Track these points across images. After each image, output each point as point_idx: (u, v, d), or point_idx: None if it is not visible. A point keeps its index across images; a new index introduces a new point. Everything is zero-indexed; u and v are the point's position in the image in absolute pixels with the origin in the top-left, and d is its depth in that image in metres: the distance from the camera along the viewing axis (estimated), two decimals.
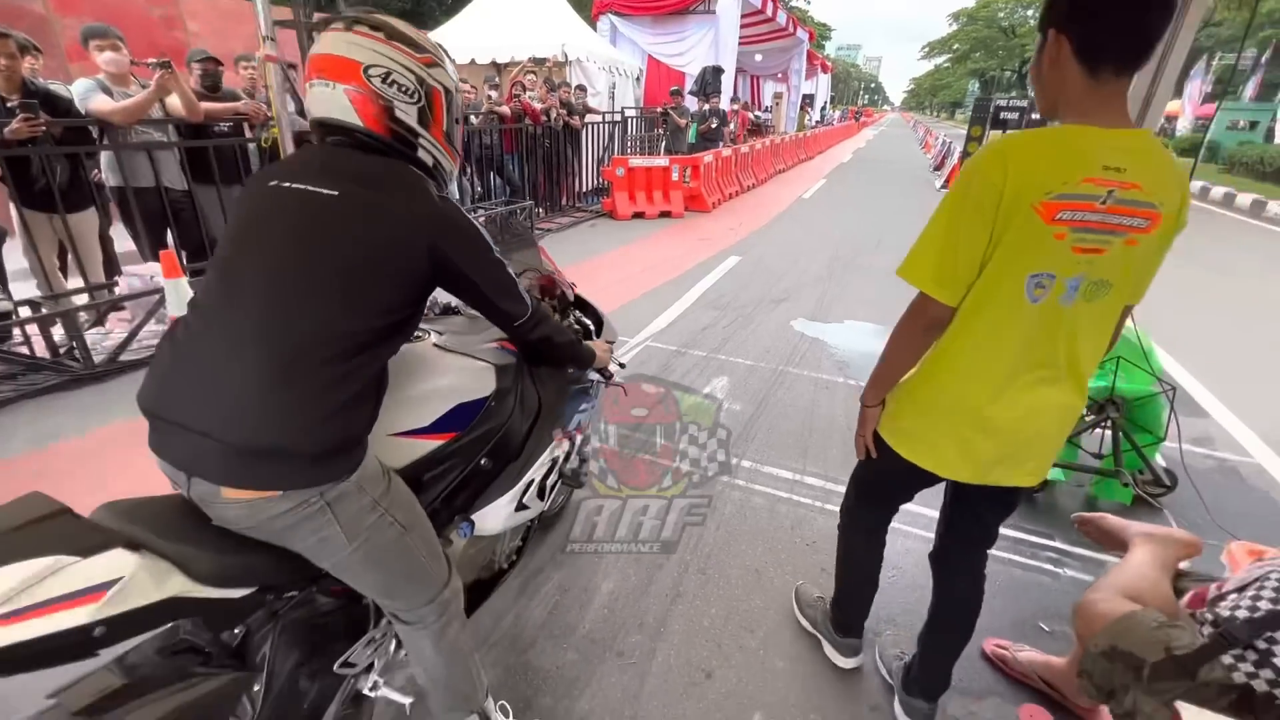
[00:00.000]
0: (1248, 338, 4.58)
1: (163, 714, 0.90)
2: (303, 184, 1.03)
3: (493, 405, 1.39)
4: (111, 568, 0.85)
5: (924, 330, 1.22)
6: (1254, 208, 10.31)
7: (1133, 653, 1.07)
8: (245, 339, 0.96)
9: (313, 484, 0.99)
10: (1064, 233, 1.03)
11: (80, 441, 2.85)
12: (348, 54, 1.04)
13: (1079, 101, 1.06)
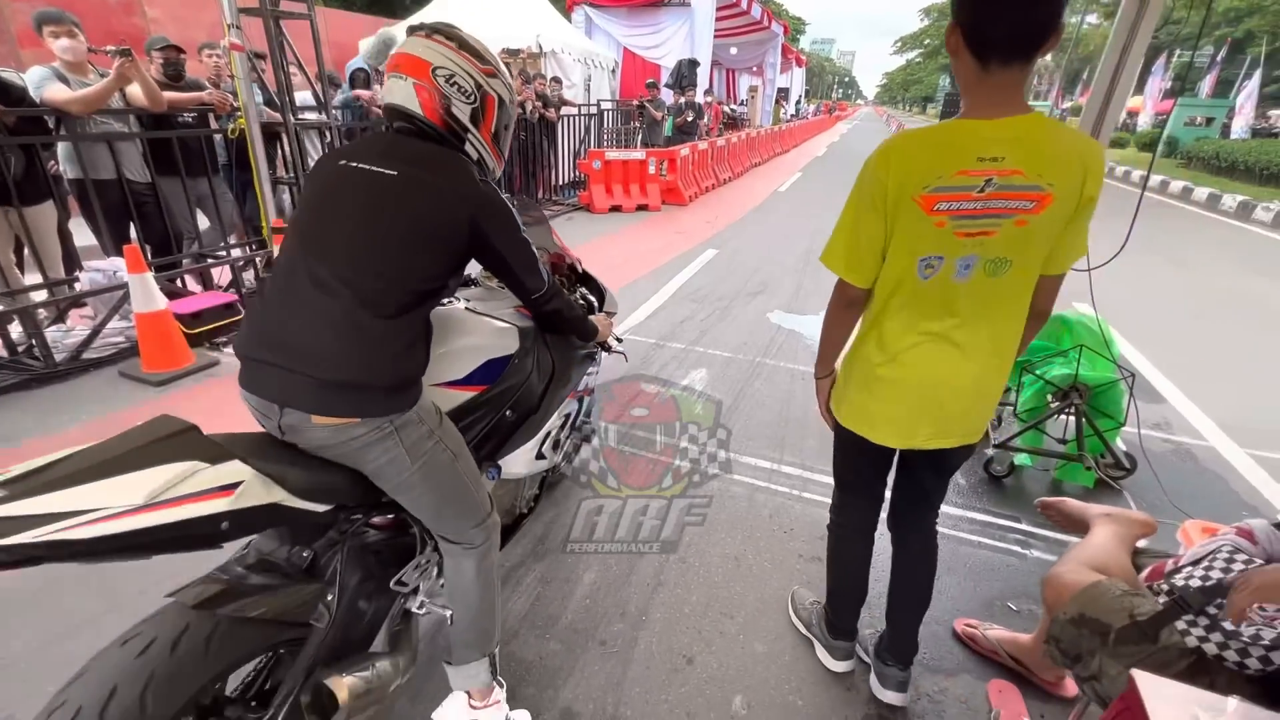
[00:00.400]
0: (1203, 327, 4.76)
1: (261, 610, 1.09)
2: (368, 165, 1.20)
3: (516, 362, 1.61)
4: (233, 474, 1.02)
5: (845, 308, 1.38)
6: (1210, 201, 10.68)
7: (1099, 619, 1.13)
8: (330, 293, 1.14)
9: (385, 413, 1.18)
10: (944, 221, 1.14)
11: (42, 443, 2.77)
12: (422, 55, 1.24)
13: (972, 90, 1.13)
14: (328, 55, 4.58)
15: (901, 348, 1.32)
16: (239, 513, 1.02)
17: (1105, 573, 1.25)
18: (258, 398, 1.17)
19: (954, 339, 1.28)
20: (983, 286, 1.21)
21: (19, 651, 1.75)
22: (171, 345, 3.37)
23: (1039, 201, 1.11)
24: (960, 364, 1.29)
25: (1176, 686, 0.92)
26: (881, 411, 1.39)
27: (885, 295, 1.31)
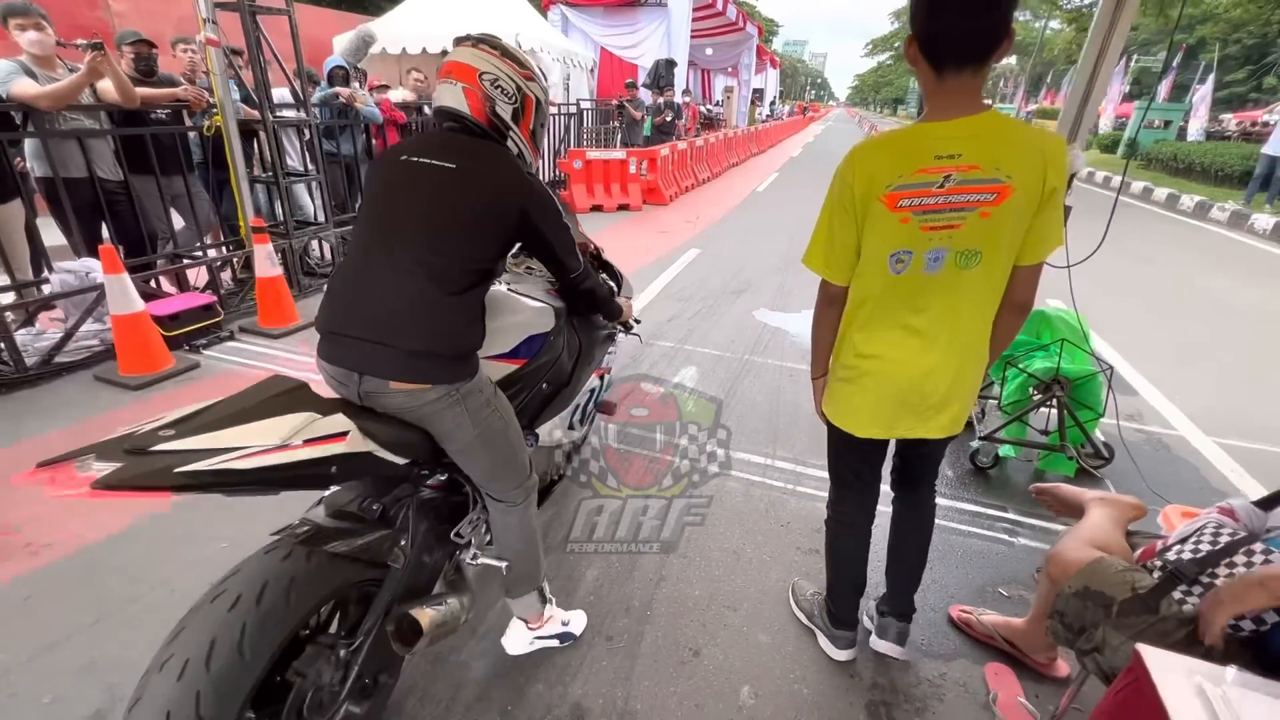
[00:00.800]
0: (1168, 322, 4.95)
1: (352, 548, 1.28)
2: (430, 159, 1.34)
3: (551, 339, 1.77)
4: (341, 424, 1.18)
5: (827, 305, 1.46)
6: (1169, 201, 11.10)
7: (1103, 592, 1.19)
8: (406, 273, 1.28)
9: (452, 380, 1.33)
10: (908, 217, 1.22)
11: (18, 450, 2.67)
12: (470, 62, 1.37)
13: (932, 95, 1.22)
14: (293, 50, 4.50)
15: (880, 342, 1.38)
16: (345, 457, 1.18)
17: (1105, 551, 1.31)
18: (338, 367, 1.32)
19: (930, 332, 1.34)
20: (955, 278, 1.27)
21: (7, 663, 1.69)
22: (150, 348, 3.28)
23: (999, 193, 1.17)
24: (938, 356, 1.35)
25: (1179, 658, 0.97)
26: (864, 405, 1.45)
27: (862, 293, 1.38)
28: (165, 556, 2.10)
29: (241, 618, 1.05)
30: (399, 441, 1.31)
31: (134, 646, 1.75)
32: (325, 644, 1.25)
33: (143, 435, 1.02)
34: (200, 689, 0.98)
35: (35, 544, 2.13)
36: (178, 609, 1.83)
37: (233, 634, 1.03)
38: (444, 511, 1.59)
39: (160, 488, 0.96)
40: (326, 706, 1.23)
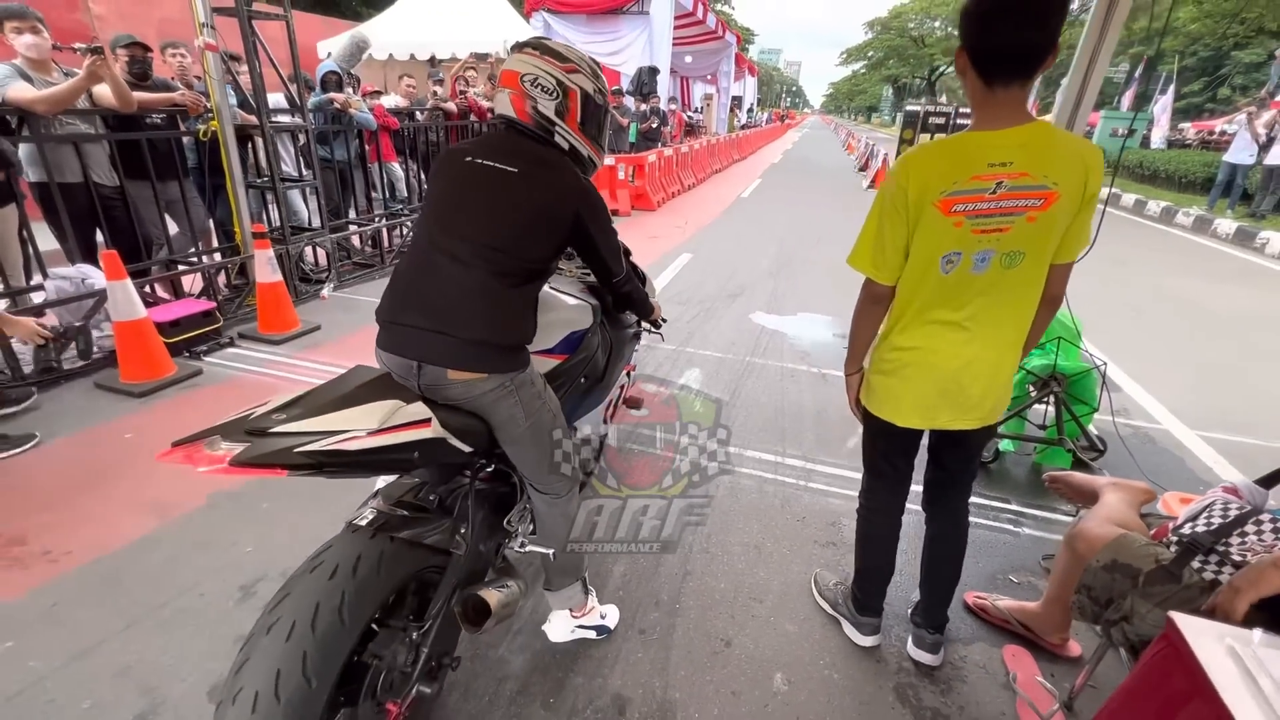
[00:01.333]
0: (1144, 321, 5.16)
1: (420, 533, 1.35)
2: (493, 161, 1.38)
3: (590, 336, 1.83)
4: (422, 412, 1.26)
5: (872, 304, 1.51)
6: (1136, 206, 11.53)
7: (1130, 564, 1.28)
8: (468, 266, 1.34)
9: (507, 370, 1.39)
10: (961, 221, 1.29)
11: (25, 458, 2.63)
12: (513, 67, 1.42)
13: (980, 106, 1.28)
14: (285, 56, 4.48)
15: (926, 336, 1.45)
16: (426, 443, 1.25)
17: (1126, 529, 1.40)
18: (399, 358, 1.36)
19: (973, 327, 1.41)
20: (999, 277, 1.35)
21: (41, 670, 1.68)
22: (152, 355, 3.24)
23: (1046, 199, 1.26)
24: (978, 349, 1.43)
25: (1209, 624, 1.05)
26: (907, 395, 1.52)
27: (910, 290, 1.44)
28: (189, 562, 2.09)
29: (340, 586, 1.13)
30: (466, 430, 1.38)
31: (168, 651, 1.75)
32: (397, 627, 1.30)
33: (259, 418, 1.12)
34: (306, 649, 1.04)
35: (54, 551, 2.10)
36: (208, 613, 1.86)
37: (333, 600, 1.10)
38: (494, 502, 1.66)
39: (284, 465, 1.05)
40: (398, 687, 1.28)
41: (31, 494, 2.41)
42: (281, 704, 1.00)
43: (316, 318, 4.32)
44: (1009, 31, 1.17)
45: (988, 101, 1.26)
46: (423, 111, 6.33)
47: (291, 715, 1.01)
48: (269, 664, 1.03)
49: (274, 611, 1.09)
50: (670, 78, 17.66)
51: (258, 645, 1.06)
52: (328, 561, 1.17)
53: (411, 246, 1.46)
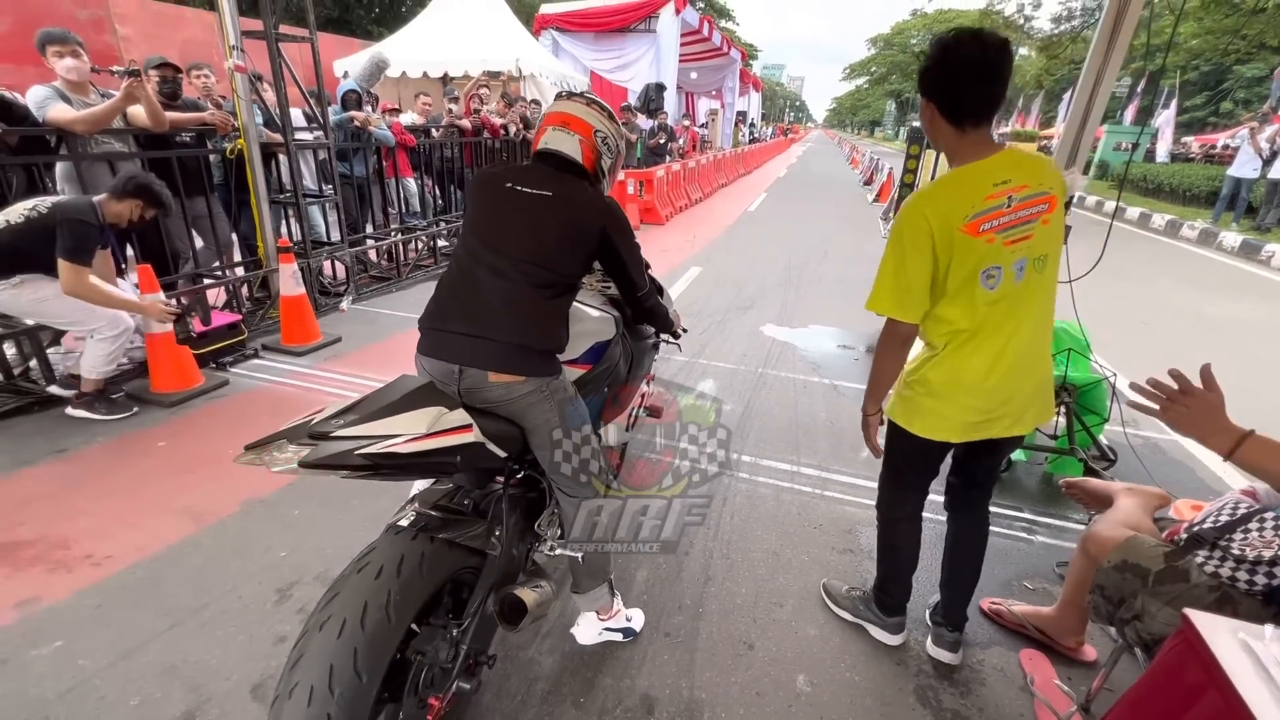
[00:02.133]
0: (1151, 333, 5.21)
1: (459, 535, 1.41)
2: (528, 188, 1.51)
3: (613, 347, 1.91)
4: (464, 418, 1.33)
5: (899, 345, 1.55)
6: (1141, 220, 11.60)
7: (1140, 564, 1.34)
8: (507, 278, 1.46)
9: (543, 375, 1.49)
10: (992, 237, 1.39)
11: (55, 467, 2.71)
12: (586, 118, 1.59)
13: (956, 148, 1.44)
14: (304, 75, 4.62)
15: (977, 354, 1.50)
16: (467, 447, 1.32)
17: (1137, 531, 1.46)
18: (441, 362, 1.46)
19: (1021, 337, 1.49)
20: (1035, 283, 1.46)
21: (90, 669, 1.74)
22: (182, 366, 3.33)
23: (1049, 203, 1.41)
24: (1023, 357, 1.51)
25: (1223, 620, 1.11)
26: (957, 415, 1.55)
27: (951, 324, 1.50)
28: (227, 566, 2.15)
29: (386, 585, 1.19)
30: (502, 435, 1.45)
31: (211, 650, 1.81)
32: (438, 625, 1.37)
33: (320, 423, 1.20)
34: (357, 645, 1.10)
35: (96, 555, 2.18)
36: (248, 615, 1.93)
37: (380, 599, 1.16)
38: (525, 507, 1.72)
39: (344, 467, 1.14)
40: (440, 683, 1.34)
41: (72, 500, 2.48)
42: (335, 697, 1.06)
43: (336, 329, 4.41)
44: (976, 87, 1.35)
45: (963, 142, 1.42)
46: (438, 129, 6.47)
47: (344, 708, 1.07)
48: (323, 659, 1.08)
49: (325, 609, 1.15)
50: (676, 94, 17.95)
51: (311, 642, 1.11)
52: (374, 562, 1.23)
53: (453, 262, 1.56)
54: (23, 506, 2.42)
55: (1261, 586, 1.27)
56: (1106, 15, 2.61)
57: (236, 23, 4.01)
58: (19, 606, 1.94)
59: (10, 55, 6.22)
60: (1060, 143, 2.89)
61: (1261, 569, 1.26)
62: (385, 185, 5.82)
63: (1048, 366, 1.57)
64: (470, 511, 1.54)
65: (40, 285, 2.85)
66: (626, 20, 13.81)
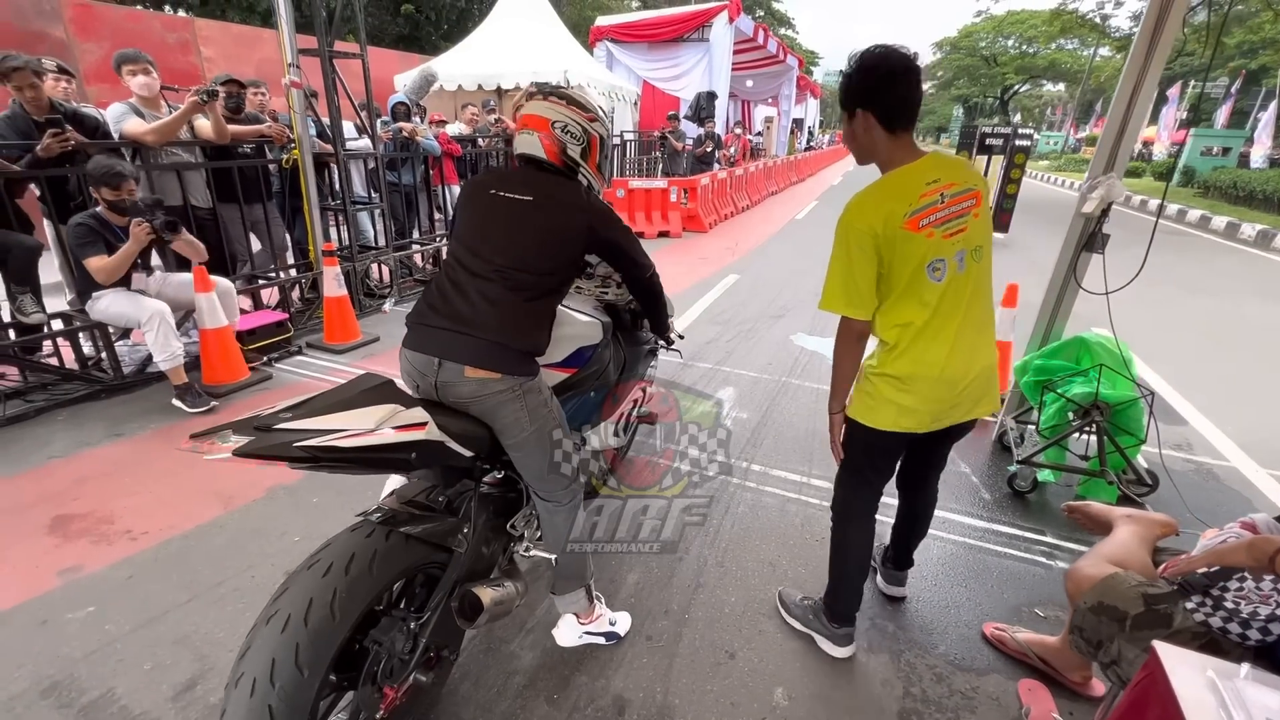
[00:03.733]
0: (1223, 352, 4.81)
1: (422, 531, 1.44)
2: (511, 193, 1.57)
3: (599, 351, 1.94)
4: (420, 416, 1.35)
5: (855, 341, 1.60)
6: (1229, 230, 10.72)
7: (1116, 606, 1.24)
8: (489, 280, 1.52)
9: (518, 374, 1.52)
10: (932, 231, 1.46)
11: (115, 449, 2.96)
12: (543, 113, 1.61)
13: (889, 154, 1.52)
14: (360, 88, 4.89)
15: (933, 345, 1.54)
16: (423, 444, 1.35)
17: (1124, 567, 1.36)
18: (421, 355, 1.52)
19: (968, 325, 1.56)
20: (974, 272, 1.54)
21: (114, 633, 1.90)
22: (230, 360, 3.58)
23: (976, 199, 1.52)
24: (976, 343, 1.58)
25: (1194, 655, 1.03)
26: (921, 404, 1.59)
27: (902, 319, 1.54)
28: (246, 547, 2.30)
29: (333, 583, 1.21)
30: (467, 435, 1.48)
31: (221, 624, 1.94)
32: (398, 617, 1.40)
33: (266, 416, 1.22)
34: (299, 641, 1.14)
35: (134, 530, 2.37)
36: (260, 593, 2.06)
37: (326, 596, 1.19)
38: (500, 506, 1.75)
39: (282, 458, 1.16)
40: (397, 673, 1.37)
41: (122, 479, 2.71)
42: (276, 690, 1.10)
43: (377, 329, 4.64)
44: (904, 91, 1.46)
45: (894, 146, 1.51)
46: (485, 138, 6.71)
47: (285, 700, 1.11)
48: (266, 653, 1.12)
49: (274, 604, 1.19)
50: (731, 101, 17.90)
51: (258, 635, 1.16)
52: (324, 559, 1.26)
53: (443, 265, 1.64)
54: (79, 484, 2.66)
55: (1255, 642, 1.17)
56: (1147, 17, 2.46)
57: (294, 41, 4.30)
58: (62, 574, 2.15)
59: (109, 76, 6.86)
60: (1099, 147, 2.73)
61: (1256, 624, 1.17)
62: (432, 192, 6.08)
63: (992, 352, 1.64)
64: (443, 509, 1.57)
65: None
66: (680, 30, 13.88)
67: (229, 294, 3.65)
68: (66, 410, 3.29)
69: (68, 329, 3.52)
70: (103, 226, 3.13)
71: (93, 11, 7.45)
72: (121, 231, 3.18)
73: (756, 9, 40.22)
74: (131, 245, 3.12)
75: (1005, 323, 3.55)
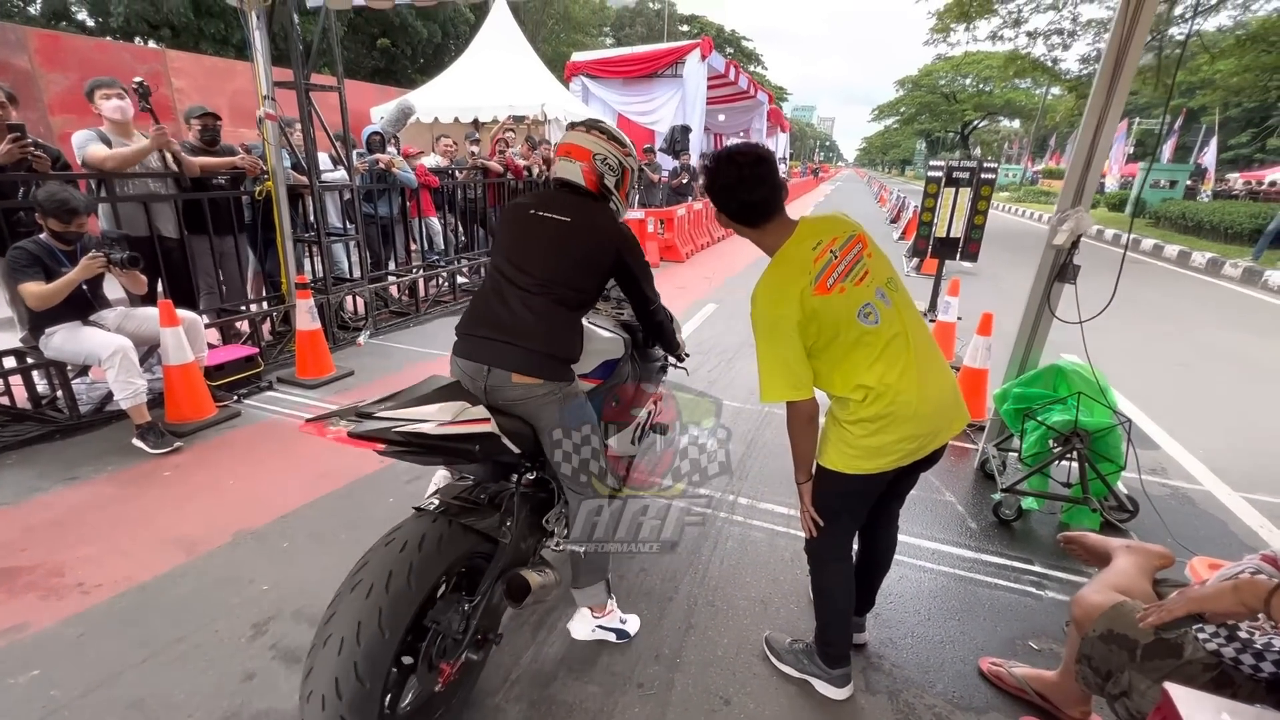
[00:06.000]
0: (1188, 377, 4.96)
1: (474, 522, 1.57)
2: (550, 213, 1.73)
3: (621, 365, 2.12)
4: (484, 412, 1.53)
5: (807, 423, 1.60)
6: (1180, 258, 11.21)
7: (1126, 634, 1.22)
8: (533, 293, 1.67)
9: (558, 379, 1.69)
10: (843, 287, 1.51)
11: (66, 494, 2.79)
12: (585, 145, 1.80)
13: (763, 237, 1.61)
14: (335, 120, 4.87)
15: (902, 382, 1.53)
16: (486, 437, 1.51)
17: (1129, 595, 1.35)
18: (472, 362, 1.67)
19: (921, 349, 1.57)
20: (899, 302, 1.58)
21: (60, 699, 1.75)
22: (196, 397, 3.44)
23: (861, 242, 1.58)
24: (934, 365, 1.60)
25: (1209, 698, 1.01)
26: (901, 443, 1.56)
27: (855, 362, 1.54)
28: (210, 599, 2.16)
29: (409, 557, 1.37)
30: (516, 433, 1.63)
31: (180, 685, 1.81)
32: (453, 600, 1.54)
33: (366, 406, 1.42)
34: (382, 606, 1.28)
35: (87, 583, 2.22)
36: (221, 650, 1.94)
37: (404, 568, 1.34)
38: (535, 504, 1.89)
39: (386, 440, 1.35)
40: (451, 652, 1.50)
41: (76, 527, 2.55)
42: (361, 648, 1.24)
43: (351, 363, 4.52)
44: (744, 196, 1.54)
45: (765, 233, 1.59)
46: (461, 170, 6.71)
47: (368, 659, 1.25)
48: (352, 616, 1.27)
49: (356, 575, 1.34)
50: (704, 135, 18.30)
51: (343, 601, 1.30)
52: (399, 537, 1.41)
53: (487, 279, 1.80)
54: (27, 533, 2.49)
55: (1268, 674, 1.15)
56: (1106, 57, 2.57)
57: (270, 74, 4.27)
58: (5, 634, 1.98)
59: (75, 107, 6.72)
60: (1065, 182, 2.82)
61: (1271, 655, 1.14)
62: (409, 224, 6.03)
63: (949, 372, 1.65)
64: (486, 504, 1.69)
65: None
66: (653, 66, 14.22)
67: (196, 328, 3.52)
68: (16, 453, 3.10)
69: (20, 367, 3.35)
70: (46, 253, 3.00)
71: (60, 42, 7.32)
72: (67, 258, 3.06)
73: (727, 47, 41.61)
74: (76, 274, 2.98)
75: (981, 350, 3.62)
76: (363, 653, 1.24)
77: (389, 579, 1.31)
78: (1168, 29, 12.65)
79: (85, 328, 3.14)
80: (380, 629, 1.26)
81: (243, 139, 5.00)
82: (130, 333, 3.25)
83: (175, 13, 15.42)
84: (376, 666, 1.26)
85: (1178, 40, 13.54)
